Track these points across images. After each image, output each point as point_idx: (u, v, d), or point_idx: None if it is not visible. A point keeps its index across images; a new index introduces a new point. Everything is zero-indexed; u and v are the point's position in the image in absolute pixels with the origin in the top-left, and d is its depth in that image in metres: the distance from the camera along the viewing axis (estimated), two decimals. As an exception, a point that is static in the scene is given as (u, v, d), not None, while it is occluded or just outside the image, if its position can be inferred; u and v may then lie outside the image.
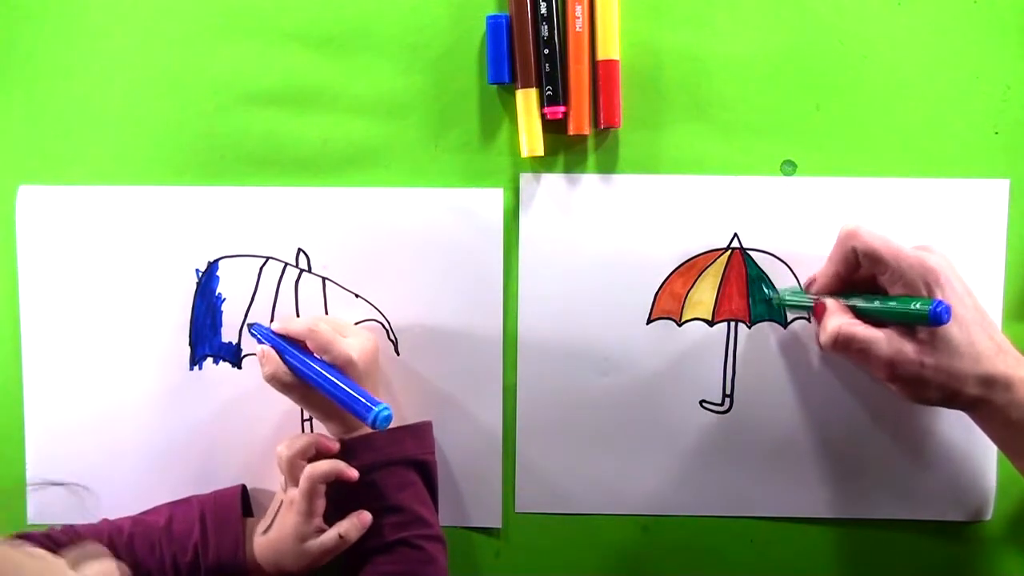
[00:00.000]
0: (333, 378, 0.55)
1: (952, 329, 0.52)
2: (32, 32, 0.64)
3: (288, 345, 0.59)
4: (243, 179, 0.64)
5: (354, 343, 0.59)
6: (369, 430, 0.57)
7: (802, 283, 0.62)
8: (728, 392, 0.64)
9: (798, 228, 0.63)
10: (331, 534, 0.57)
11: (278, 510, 0.60)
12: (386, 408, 0.53)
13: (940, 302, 0.51)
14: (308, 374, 0.57)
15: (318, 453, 0.59)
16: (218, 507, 0.61)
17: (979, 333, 0.52)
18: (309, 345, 0.58)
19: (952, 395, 0.53)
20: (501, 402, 0.64)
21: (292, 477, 0.58)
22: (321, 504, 0.58)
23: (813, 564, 0.66)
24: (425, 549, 0.58)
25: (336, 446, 0.59)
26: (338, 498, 0.58)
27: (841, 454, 0.64)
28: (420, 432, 0.62)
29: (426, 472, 0.61)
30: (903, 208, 0.62)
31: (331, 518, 0.58)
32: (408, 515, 0.58)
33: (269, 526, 0.59)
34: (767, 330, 0.64)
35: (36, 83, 0.64)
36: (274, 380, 0.58)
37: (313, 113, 0.63)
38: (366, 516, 0.58)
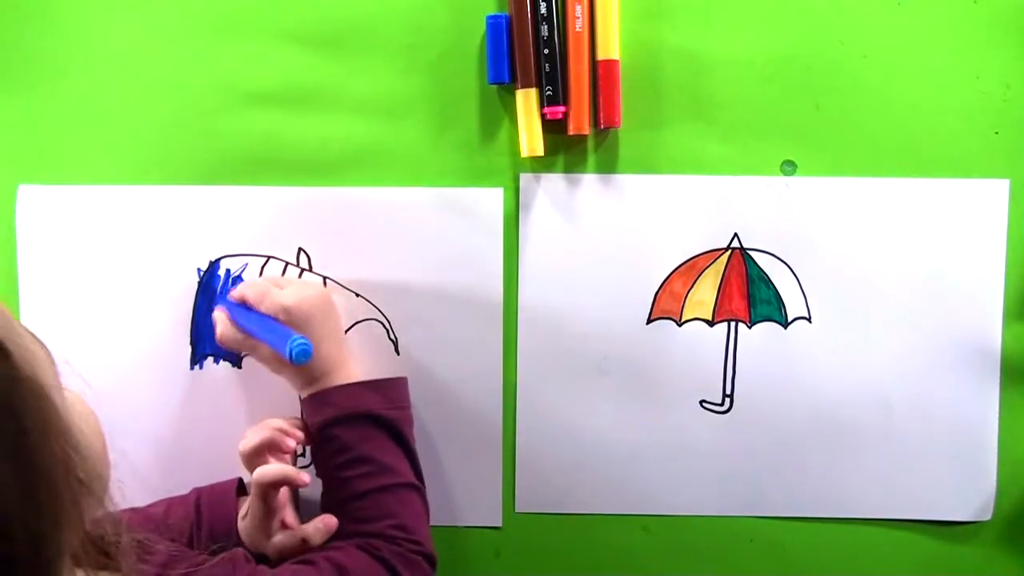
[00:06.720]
0: (256, 322, 0.58)
1: None
2: (32, 32, 0.64)
3: (241, 306, 0.60)
4: (243, 179, 0.64)
5: (289, 292, 0.59)
6: (327, 386, 0.59)
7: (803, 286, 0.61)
8: (728, 392, 0.64)
9: (798, 228, 0.63)
10: (294, 537, 0.57)
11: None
12: (301, 340, 0.54)
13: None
14: (241, 323, 0.59)
15: (276, 447, 0.59)
16: (214, 491, 0.61)
17: None
18: (248, 299, 0.59)
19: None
20: (501, 402, 0.65)
21: (251, 472, 0.58)
22: (279, 503, 0.57)
23: (813, 564, 0.66)
24: (397, 495, 0.58)
25: (299, 435, 0.59)
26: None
27: (840, 454, 0.64)
28: (383, 387, 0.61)
29: (391, 427, 0.59)
30: (903, 208, 0.62)
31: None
32: (375, 464, 0.58)
33: (247, 512, 0.59)
34: (767, 330, 0.64)
35: (36, 83, 0.64)
36: (223, 339, 0.60)
37: (313, 113, 0.63)
38: (331, 520, 0.57)
